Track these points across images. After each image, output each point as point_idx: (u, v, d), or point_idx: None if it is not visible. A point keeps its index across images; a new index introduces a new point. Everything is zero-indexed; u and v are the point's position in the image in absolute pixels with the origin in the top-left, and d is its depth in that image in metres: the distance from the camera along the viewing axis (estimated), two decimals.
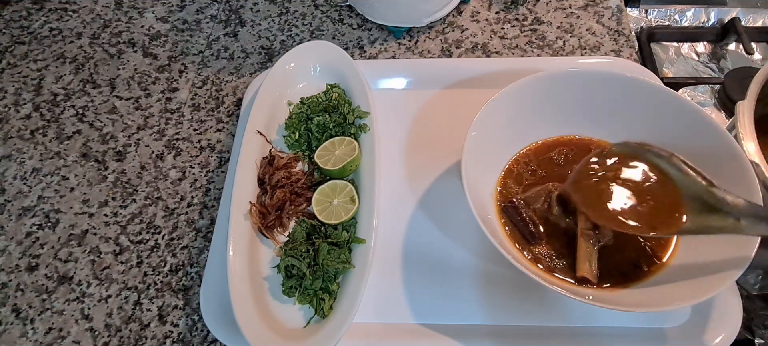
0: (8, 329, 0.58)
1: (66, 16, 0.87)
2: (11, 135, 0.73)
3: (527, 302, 0.55)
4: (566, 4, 0.81)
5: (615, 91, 0.59)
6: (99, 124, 0.74)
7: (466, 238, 0.59)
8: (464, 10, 0.81)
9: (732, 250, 0.47)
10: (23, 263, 0.62)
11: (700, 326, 0.51)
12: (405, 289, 0.56)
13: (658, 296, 0.50)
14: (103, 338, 0.57)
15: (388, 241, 0.59)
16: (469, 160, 0.53)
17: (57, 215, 0.66)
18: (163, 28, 0.84)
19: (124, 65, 0.80)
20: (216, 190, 0.66)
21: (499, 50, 0.76)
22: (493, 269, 0.57)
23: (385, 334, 0.54)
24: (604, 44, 0.76)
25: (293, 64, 0.70)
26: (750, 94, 0.53)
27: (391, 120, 0.68)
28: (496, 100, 0.57)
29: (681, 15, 0.82)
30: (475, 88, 0.70)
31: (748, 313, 0.53)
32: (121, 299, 0.59)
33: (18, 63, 0.81)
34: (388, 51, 0.78)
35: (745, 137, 0.51)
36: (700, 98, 0.71)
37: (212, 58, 0.79)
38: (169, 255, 0.62)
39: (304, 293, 0.55)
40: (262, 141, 0.65)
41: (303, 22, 0.82)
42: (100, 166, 0.70)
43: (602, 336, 0.52)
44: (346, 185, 0.61)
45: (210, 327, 0.54)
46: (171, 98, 0.76)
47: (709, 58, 0.78)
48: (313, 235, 0.58)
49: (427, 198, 0.62)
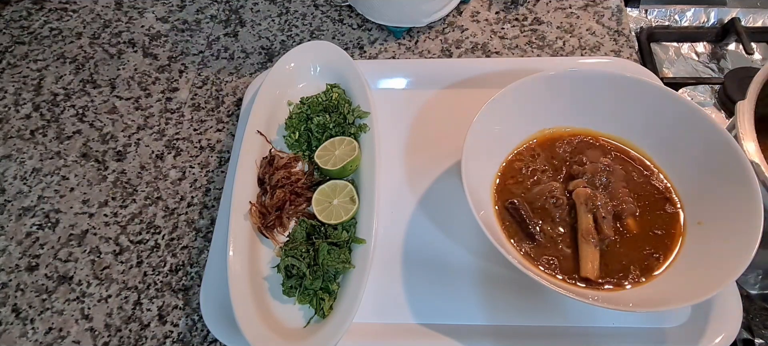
0: (8, 329, 0.58)
1: (66, 16, 0.87)
2: (11, 135, 0.73)
3: (527, 302, 0.54)
4: (566, 4, 0.81)
5: (615, 91, 0.59)
6: (99, 124, 0.74)
7: (466, 238, 0.59)
8: (464, 10, 0.81)
9: (732, 250, 0.48)
10: (23, 263, 0.62)
11: (700, 326, 0.51)
12: (405, 289, 0.56)
13: (658, 296, 0.50)
14: (103, 338, 0.57)
15: (388, 241, 0.59)
16: (468, 160, 0.53)
17: (57, 215, 0.66)
18: (163, 28, 0.84)
19: (124, 65, 0.80)
20: (216, 190, 0.66)
21: (499, 50, 0.76)
22: (493, 269, 0.56)
23: (385, 334, 0.54)
24: (604, 44, 0.76)
25: (293, 64, 0.70)
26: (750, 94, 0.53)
27: (391, 120, 0.68)
28: (496, 100, 0.57)
29: (681, 15, 0.82)
30: (475, 88, 0.70)
31: (748, 313, 0.53)
32: (121, 299, 0.59)
33: (18, 63, 0.81)
34: (388, 51, 0.78)
35: (745, 137, 0.51)
36: (700, 98, 0.71)
37: (212, 58, 0.79)
38: (169, 255, 0.62)
39: (304, 293, 0.55)
40: (262, 141, 0.65)
41: (303, 22, 0.82)
42: (100, 166, 0.70)
43: (602, 336, 0.52)
44: (346, 185, 0.61)
45: (210, 327, 0.54)
46: (171, 98, 0.76)
47: (709, 58, 0.78)
48: (313, 235, 0.58)
49: (427, 198, 0.62)
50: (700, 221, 0.54)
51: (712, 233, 0.52)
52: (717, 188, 0.53)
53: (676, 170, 0.58)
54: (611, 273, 0.52)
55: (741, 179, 0.50)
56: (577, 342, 0.52)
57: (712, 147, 0.54)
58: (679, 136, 0.57)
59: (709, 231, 0.53)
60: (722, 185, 0.52)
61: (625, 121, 0.60)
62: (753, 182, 0.49)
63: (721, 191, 0.52)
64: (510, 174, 0.60)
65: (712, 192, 0.54)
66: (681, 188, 0.57)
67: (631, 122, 0.60)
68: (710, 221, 0.53)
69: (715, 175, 0.53)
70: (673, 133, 0.57)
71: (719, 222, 0.52)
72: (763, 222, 0.47)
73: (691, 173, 0.56)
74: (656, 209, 0.56)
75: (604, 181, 0.57)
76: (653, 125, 0.59)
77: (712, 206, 0.53)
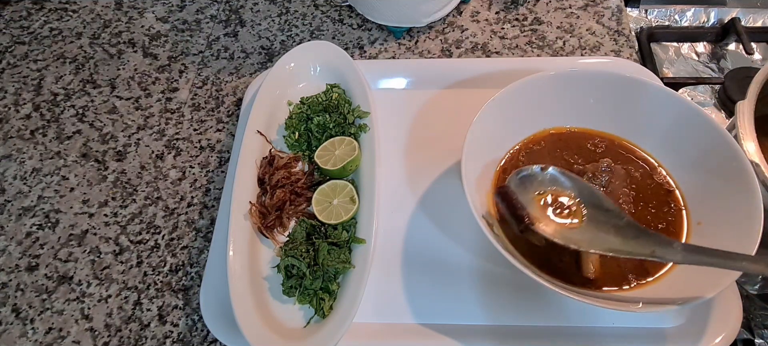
0: (8, 329, 0.58)
1: (66, 16, 0.87)
2: (11, 135, 0.73)
3: (527, 302, 0.54)
4: (566, 4, 0.81)
5: (615, 91, 0.59)
6: (99, 124, 0.74)
7: (466, 238, 0.59)
8: (464, 10, 0.81)
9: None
10: (23, 263, 0.62)
11: (700, 326, 0.51)
12: (405, 289, 0.56)
13: (658, 296, 0.50)
14: (103, 338, 0.57)
15: (388, 241, 0.59)
16: (468, 160, 0.53)
17: (57, 215, 0.66)
18: (163, 28, 0.84)
19: (124, 65, 0.80)
20: (216, 190, 0.66)
21: (499, 50, 0.76)
22: (493, 269, 0.56)
23: (385, 334, 0.54)
24: (604, 44, 0.76)
25: (293, 64, 0.70)
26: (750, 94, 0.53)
27: (391, 120, 0.68)
28: (496, 100, 0.57)
29: (681, 15, 0.82)
30: (475, 88, 0.70)
31: (748, 313, 0.53)
32: (121, 299, 0.59)
33: (18, 63, 0.81)
34: (388, 51, 0.78)
35: (745, 137, 0.51)
36: (700, 98, 0.71)
37: (212, 58, 0.79)
38: (169, 255, 0.62)
39: (304, 293, 0.55)
40: (262, 141, 0.65)
41: (303, 22, 0.82)
42: (100, 166, 0.70)
43: (602, 336, 0.52)
44: (346, 185, 0.61)
45: (210, 327, 0.54)
46: (171, 98, 0.76)
47: (709, 58, 0.78)
48: (313, 235, 0.58)
49: (427, 198, 0.62)
50: (700, 221, 0.54)
51: (712, 233, 0.52)
52: (717, 188, 0.53)
53: (676, 170, 0.58)
54: (611, 273, 0.52)
55: (741, 179, 0.50)
56: (577, 342, 0.52)
57: (712, 147, 0.54)
58: (679, 136, 0.57)
59: (709, 231, 0.53)
60: (722, 185, 0.52)
61: (626, 121, 0.60)
62: (753, 182, 0.49)
63: (721, 191, 0.52)
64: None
65: (712, 192, 0.54)
66: (681, 188, 0.57)
67: (631, 122, 0.60)
68: (710, 221, 0.53)
69: (715, 175, 0.53)
70: (673, 133, 0.57)
71: (719, 222, 0.52)
72: (763, 222, 0.47)
73: (691, 173, 0.56)
74: (656, 208, 0.56)
75: (604, 181, 0.57)
76: (653, 125, 0.59)
77: (712, 206, 0.53)
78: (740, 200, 0.50)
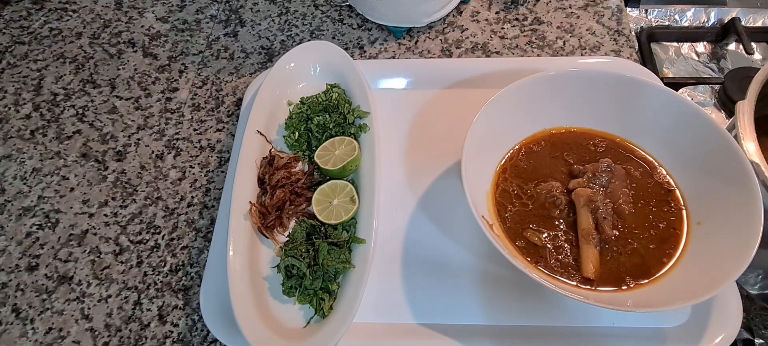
0: (8, 329, 0.58)
1: (66, 16, 0.87)
2: (11, 135, 0.73)
3: (527, 302, 0.54)
4: (566, 4, 0.81)
5: (615, 91, 0.59)
6: (99, 124, 0.74)
7: (466, 238, 0.59)
8: (464, 10, 0.81)
9: (732, 250, 0.48)
10: (23, 263, 0.62)
11: (700, 326, 0.51)
12: (405, 289, 0.56)
13: (658, 296, 0.50)
14: (103, 338, 0.57)
15: (388, 241, 0.59)
16: (468, 160, 0.53)
17: (57, 215, 0.66)
18: (163, 28, 0.84)
19: (124, 65, 0.80)
20: (216, 190, 0.66)
21: (499, 50, 0.76)
22: (493, 269, 0.56)
23: (385, 334, 0.54)
24: (604, 44, 0.76)
25: (293, 64, 0.70)
26: (750, 94, 0.53)
27: (391, 120, 0.68)
28: (496, 100, 0.57)
29: (681, 15, 0.82)
30: (475, 88, 0.70)
31: (748, 313, 0.53)
32: (121, 299, 0.59)
33: (18, 63, 0.81)
34: (388, 51, 0.78)
35: (745, 137, 0.51)
36: (700, 98, 0.71)
37: (212, 58, 0.79)
38: (169, 255, 0.62)
39: (304, 293, 0.55)
40: (262, 141, 0.65)
41: (303, 22, 0.82)
42: (100, 166, 0.70)
43: (602, 336, 0.52)
44: (346, 185, 0.61)
45: (210, 327, 0.54)
46: (171, 98, 0.76)
47: (709, 58, 0.78)
48: (313, 235, 0.58)
49: (427, 198, 0.62)
50: (700, 221, 0.54)
51: (712, 233, 0.52)
52: (717, 188, 0.53)
53: (676, 170, 0.58)
54: (611, 273, 0.52)
55: (741, 179, 0.50)
56: (577, 342, 0.52)
57: (712, 147, 0.54)
58: (679, 136, 0.57)
59: (709, 231, 0.53)
60: (722, 185, 0.52)
61: (625, 121, 0.60)
62: (753, 182, 0.49)
63: (721, 191, 0.52)
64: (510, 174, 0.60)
65: (712, 192, 0.54)
66: (681, 188, 0.57)
67: (631, 122, 0.60)
68: (710, 221, 0.53)
69: (715, 175, 0.53)
70: (673, 133, 0.57)
71: (719, 222, 0.52)
72: (763, 222, 0.47)
73: (691, 173, 0.56)
74: (656, 208, 0.56)
75: (604, 181, 0.57)
76: (653, 125, 0.59)
77: (712, 206, 0.53)
78: (740, 200, 0.50)
